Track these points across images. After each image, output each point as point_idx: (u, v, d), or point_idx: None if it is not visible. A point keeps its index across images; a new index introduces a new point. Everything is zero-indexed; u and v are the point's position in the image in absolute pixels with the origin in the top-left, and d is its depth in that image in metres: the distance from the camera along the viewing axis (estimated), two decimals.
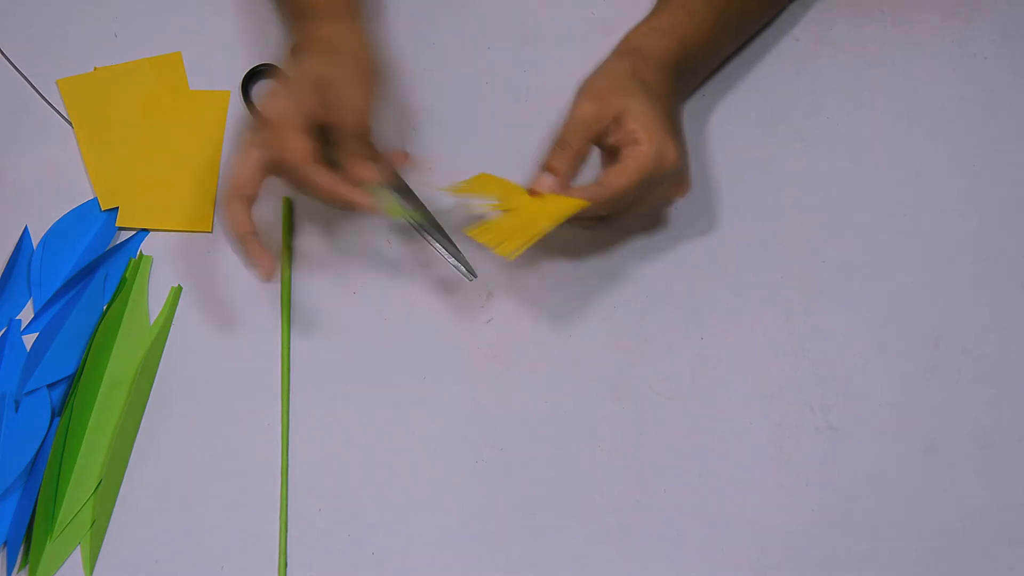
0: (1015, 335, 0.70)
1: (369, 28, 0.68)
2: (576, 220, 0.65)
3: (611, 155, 0.64)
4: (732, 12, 0.71)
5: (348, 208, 0.64)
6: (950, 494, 0.66)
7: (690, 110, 0.75)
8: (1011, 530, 0.66)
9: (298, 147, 0.63)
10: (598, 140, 0.64)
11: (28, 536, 0.63)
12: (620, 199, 0.63)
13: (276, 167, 0.64)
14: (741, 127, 0.75)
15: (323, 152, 0.65)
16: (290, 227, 0.72)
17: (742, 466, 0.67)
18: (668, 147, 0.63)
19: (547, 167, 0.64)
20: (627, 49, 0.67)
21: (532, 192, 0.64)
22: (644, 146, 0.62)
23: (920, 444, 0.67)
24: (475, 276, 0.71)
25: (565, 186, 0.64)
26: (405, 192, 0.72)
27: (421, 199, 0.72)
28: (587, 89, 0.65)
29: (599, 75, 0.66)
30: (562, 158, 0.64)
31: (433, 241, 0.72)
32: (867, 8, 0.79)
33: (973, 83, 0.77)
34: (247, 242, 0.64)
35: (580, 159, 0.64)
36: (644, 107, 0.63)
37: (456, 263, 0.71)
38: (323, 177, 0.63)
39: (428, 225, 0.72)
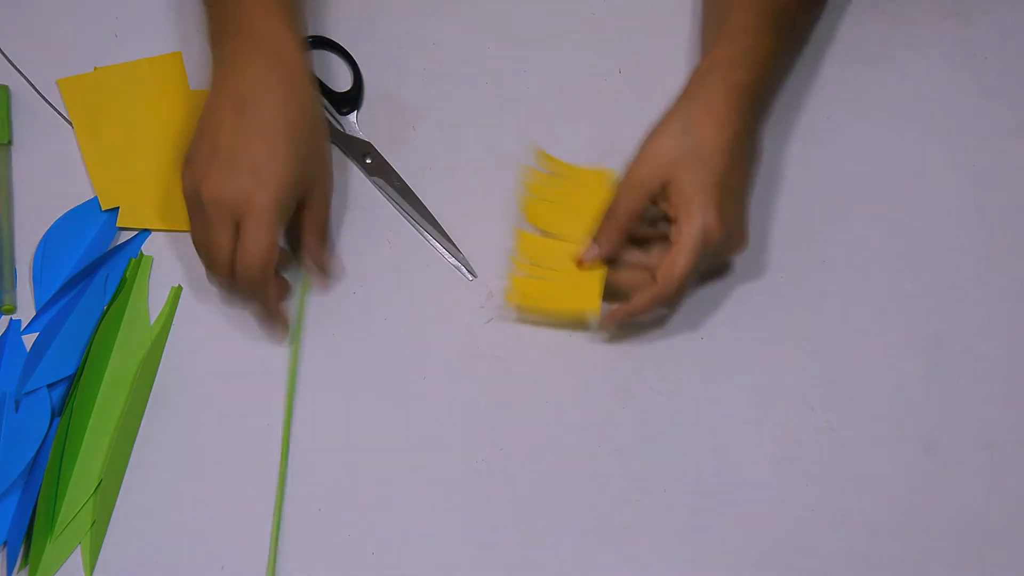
0: (1015, 335, 0.70)
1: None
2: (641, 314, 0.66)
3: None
4: (785, 22, 0.69)
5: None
6: (950, 494, 0.66)
7: None
8: (1011, 530, 0.66)
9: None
10: (652, 202, 0.65)
11: (28, 536, 0.63)
12: (680, 287, 0.64)
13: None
14: None
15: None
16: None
17: (742, 466, 0.67)
18: (711, 219, 0.62)
19: (594, 238, 0.66)
20: (688, 95, 0.66)
21: (579, 263, 0.66)
22: (685, 226, 0.63)
23: (920, 444, 0.67)
24: (475, 276, 0.71)
25: (607, 253, 0.65)
26: (404, 190, 0.72)
27: (420, 198, 0.72)
28: (639, 155, 0.65)
29: (653, 137, 0.65)
30: (605, 230, 0.65)
31: (433, 241, 0.72)
32: (867, 8, 0.79)
33: (973, 83, 0.77)
34: (281, 313, 0.68)
35: (624, 230, 0.65)
36: (689, 176, 0.63)
37: (456, 263, 0.71)
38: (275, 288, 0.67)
39: (428, 225, 0.72)
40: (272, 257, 0.64)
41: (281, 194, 0.63)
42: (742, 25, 0.67)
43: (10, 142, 0.73)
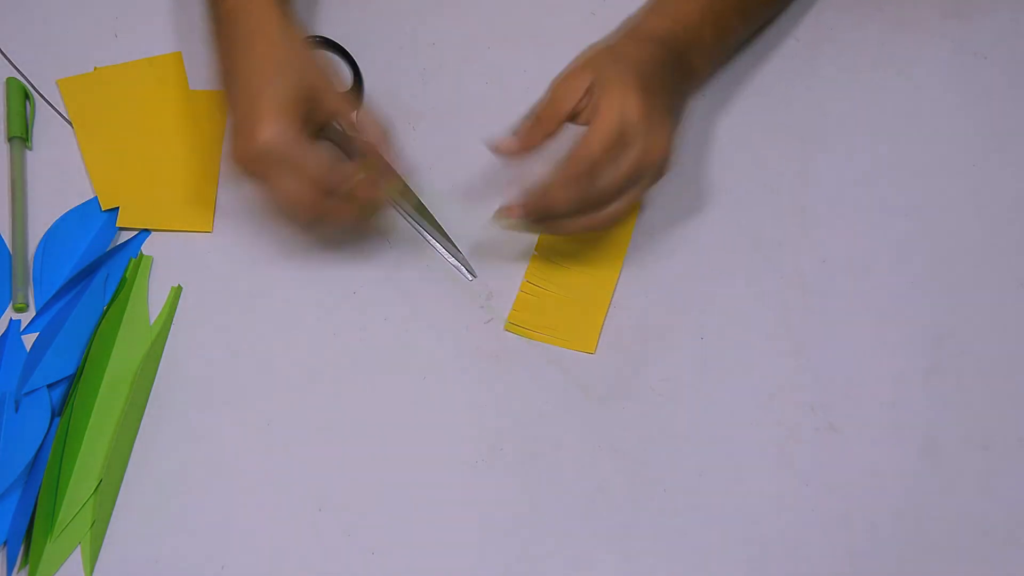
0: (1015, 335, 0.70)
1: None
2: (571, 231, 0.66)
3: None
4: None
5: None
6: (950, 494, 0.66)
7: (691, 110, 0.75)
8: (1011, 530, 0.66)
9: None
10: (573, 117, 0.65)
11: (28, 536, 0.63)
12: (590, 165, 0.62)
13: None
14: (741, 127, 0.75)
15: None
16: None
17: (742, 466, 0.67)
18: (631, 100, 0.62)
19: (515, 132, 0.65)
20: (616, 33, 0.68)
21: (495, 150, 0.65)
22: (603, 107, 0.62)
23: (920, 444, 0.67)
24: (475, 276, 0.71)
25: (525, 147, 0.64)
26: (403, 191, 0.72)
27: (420, 198, 0.72)
28: (564, 71, 0.65)
29: (578, 57, 0.66)
30: (525, 125, 0.64)
31: (433, 241, 0.72)
32: (867, 8, 0.79)
33: (973, 83, 0.77)
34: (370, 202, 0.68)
35: (544, 131, 0.64)
36: (609, 71, 0.63)
37: (456, 263, 0.71)
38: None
39: (428, 225, 0.72)
40: (309, 183, 0.63)
41: (281, 117, 0.63)
42: None
43: (27, 137, 0.73)
